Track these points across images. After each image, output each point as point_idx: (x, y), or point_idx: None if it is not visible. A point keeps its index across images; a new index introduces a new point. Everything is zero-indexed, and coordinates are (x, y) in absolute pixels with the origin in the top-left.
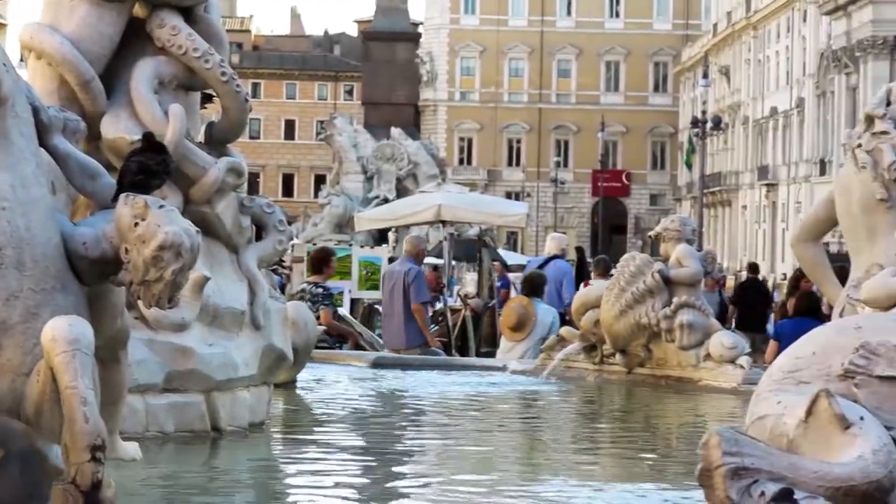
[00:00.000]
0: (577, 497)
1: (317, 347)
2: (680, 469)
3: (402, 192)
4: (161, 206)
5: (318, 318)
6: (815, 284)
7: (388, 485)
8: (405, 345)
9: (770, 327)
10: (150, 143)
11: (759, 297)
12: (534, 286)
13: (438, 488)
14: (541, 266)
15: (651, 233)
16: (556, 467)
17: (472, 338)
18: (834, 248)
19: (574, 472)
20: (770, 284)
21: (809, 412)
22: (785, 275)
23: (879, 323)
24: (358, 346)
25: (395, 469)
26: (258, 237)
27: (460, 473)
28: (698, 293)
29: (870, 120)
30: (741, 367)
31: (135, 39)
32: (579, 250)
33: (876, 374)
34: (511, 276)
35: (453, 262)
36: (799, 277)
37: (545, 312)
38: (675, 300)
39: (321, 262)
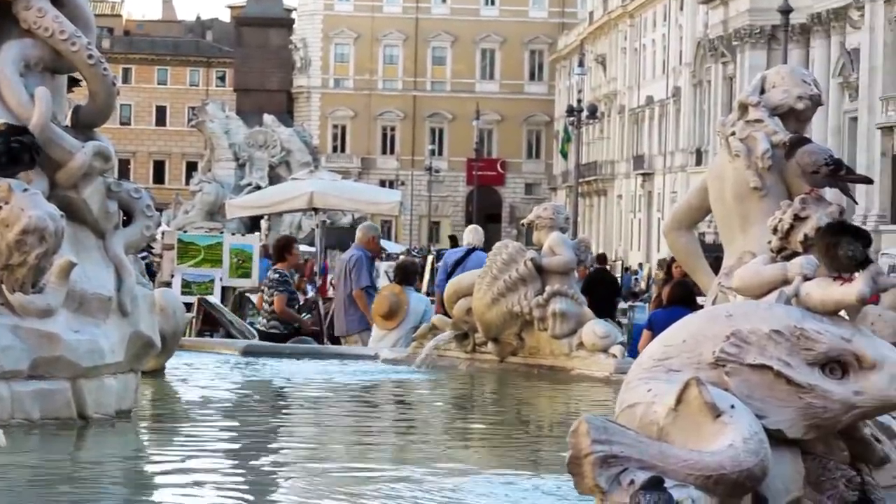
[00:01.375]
0: (447, 484)
1: (270, 335)
2: (551, 457)
3: (274, 179)
4: (25, 190)
5: (272, 303)
6: (688, 273)
7: (258, 474)
8: (345, 331)
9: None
10: (14, 127)
11: (607, 287)
12: (406, 274)
13: (309, 477)
14: (461, 258)
15: (524, 221)
16: (427, 455)
17: None
18: (710, 238)
19: (445, 459)
20: (645, 274)
21: (679, 400)
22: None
23: (751, 311)
24: (229, 335)
25: (264, 458)
26: (126, 223)
27: (331, 462)
28: (571, 281)
29: (744, 108)
30: (614, 356)
31: (0, 21)
32: (453, 239)
33: (747, 362)
34: (384, 264)
35: (326, 250)
36: (670, 265)
37: (417, 301)
38: (548, 288)
39: (283, 249)
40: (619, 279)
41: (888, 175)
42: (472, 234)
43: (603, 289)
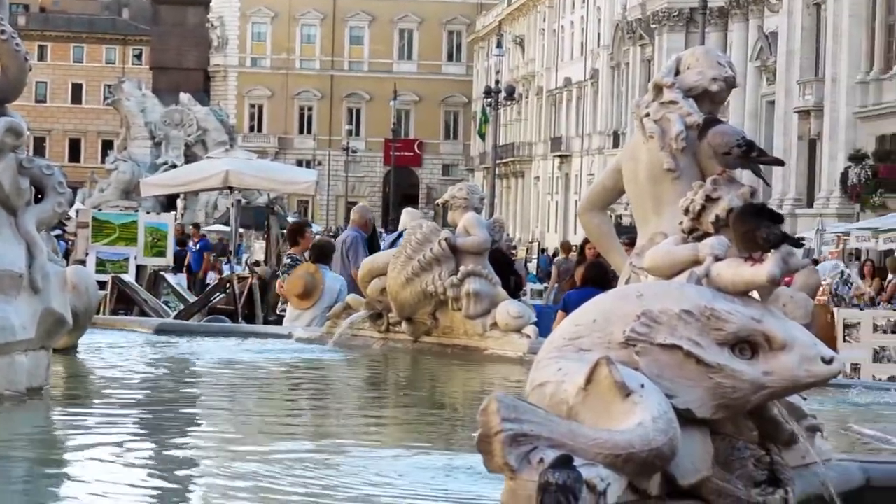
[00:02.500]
0: (360, 462)
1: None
2: (464, 436)
3: (190, 158)
4: None
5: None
6: (602, 254)
7: (170, 452)
8: None
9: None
10: None
11: (502, 267)
12: (322, 253)
13: (223, 455)
14: (395, 239)
15: (439, 200)
16: (341, 434)
17: (259, 306)
18: (627, 221)
19: (359, 438)
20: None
21: (589, 379)
22: (576, 246)
23: (661, 291)
24: (143, 314)
25: (177, 437)
26: (37, 199)
27: (245, 440)
28: (485, 262)
29: (658, 89)
30: (527, 336)
31: None
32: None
33: (657, 342)
34: None
35: (241, 230)
36: (585, 247)
37: (333, 280)
38: (462, 268)
39: (296, 233)
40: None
41: (804, 159)
42: (407, 217)
43: (496, 269)
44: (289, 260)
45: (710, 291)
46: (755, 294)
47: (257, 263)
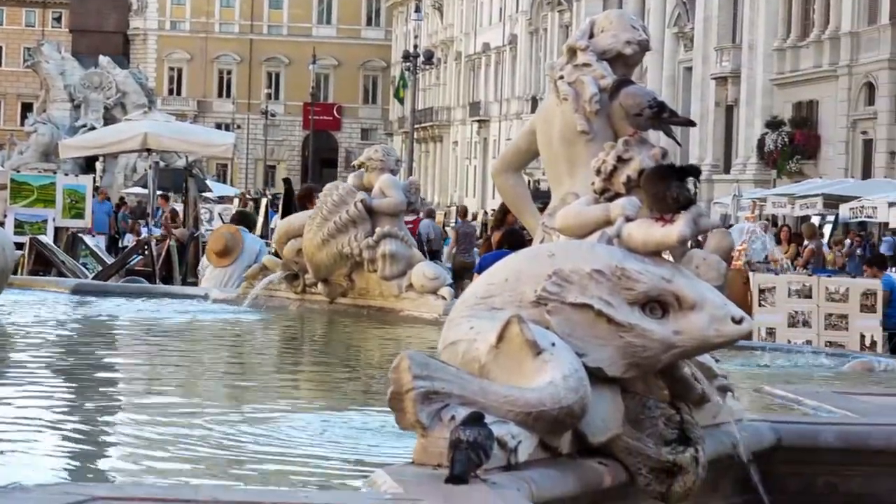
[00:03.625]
0: (276, 421)
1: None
2: (379, 395)
3: (109, 121)
4: None
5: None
6: (516, 215)
7: (88, 410)
8: None
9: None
10: None
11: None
12: (244, 218)
13: (141, 414)
14: None
15: (355, 162)
16: (257, 393)
17: (177, 267)
18: (545, 186)
19: (274, 397)
20: (479, 221)
21: (501, 338)
22: (493, 210)
23: (572, 251)
24: (61, 275)
25: (95, 396)
26: None
27: (162, 399)
28: (401, 223)
29: (572, 52)
30: (443, 297)
31: None
32: (287, 182)
33: (568, 301)
34: (219, 206)
35: (160, 192)
36: (505, 212)
37: (252, 241)
38: (378, 230)
39: (305, 199)
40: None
41: (721, 125)
42: (354, 180)
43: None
44: None
45: (621, 251)
46: (667, 255)
47: (175, 226)
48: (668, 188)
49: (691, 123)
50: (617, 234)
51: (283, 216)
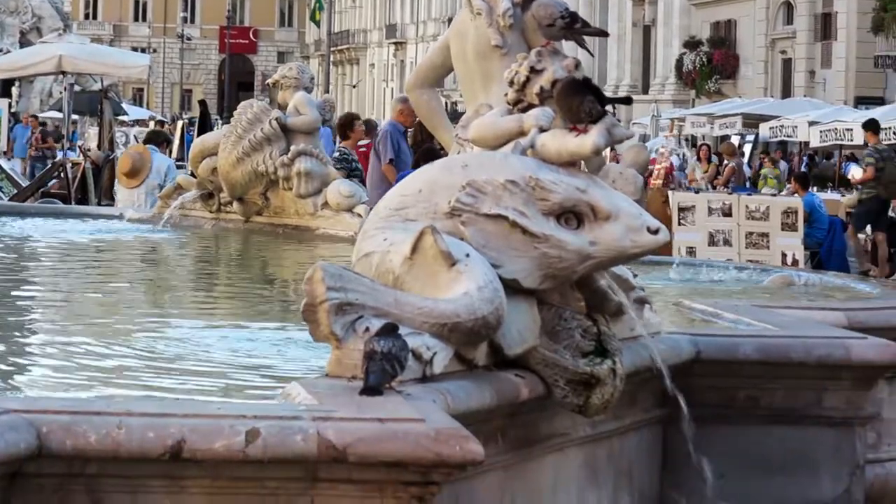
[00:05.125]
0: (192, 336)
1: None
2: (295, 312)
3: (25, 45)
4: None
5: None
6: (431, 131)
7: (4, 327)
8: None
9: None
10: None
11: None
12: (154, 137)
13: (61, 335)
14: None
15: (269, 80)
16: (173, 310)
17: (93, 190)
18: (463, 108)
19: (190, 313)
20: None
21: (415, 249)
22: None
23: (486, 161)
24: None
25: (14, 318)
26: None
27: (78, 316)
28: (316, 141)
29: None
30: (359, 215)
31: None
32: (202, 104)
33: (483, 212)
34: (134, 129)
35: (76, 116)
36: (422, 131)
37: (161, 160)
38: (293, 148)
39: (345, 127)
40: None
41: (639, 45)
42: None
43: None
44: (337, 154)
45: (535, 162)
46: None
47: (91, 149)
48: (582, 98)
49: (604, 34)
50: (531, 145)
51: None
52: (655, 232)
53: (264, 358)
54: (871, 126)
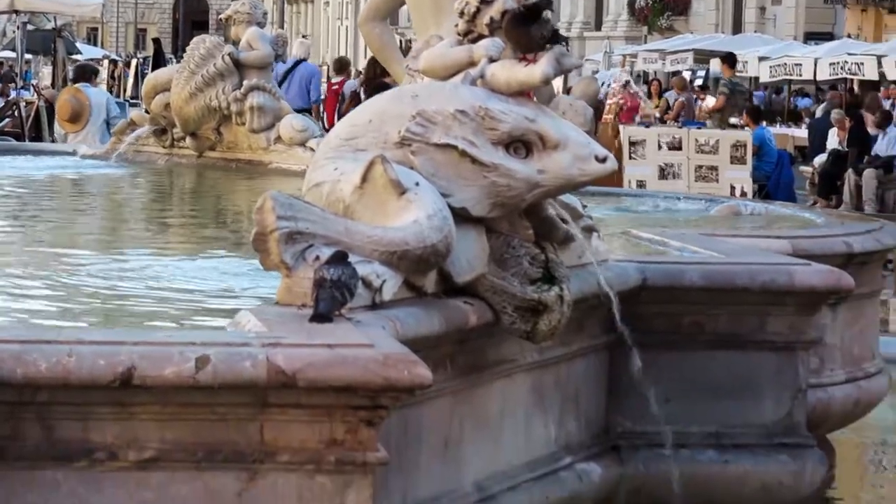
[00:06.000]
0: (145, 266)
1: None
2: (247, 243)
3: None
4: None
5: None
6: (383, 64)
7: None
8: None
9: None
10: None
11: None
12: (82, 73)
13: (12, 268)
14: (290, 69)
15: (222, 16)
16: (126, 242)
17: (47, 128)
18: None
19: (144, 245)
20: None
21: (365, 178)
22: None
23: (436, 91)
24: None
25: None
26: None
27: (31, 248)
28: (269, 76)
29: None
30: (311, 149)
31: None
32: (156, 42)
33: (432, 141)
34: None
35: (29, 55)
36: (375, 65)
37: (97, 94)
38: (246, 83)
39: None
40: None
41: None
42: (298, 48)
43: None
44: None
45: (485, 92)
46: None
47: (44, 87)
48: (531, 29)
49: None
50: (480, 75)
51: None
52: (603, 160)
53: (216, 287)
54: (728, 60)
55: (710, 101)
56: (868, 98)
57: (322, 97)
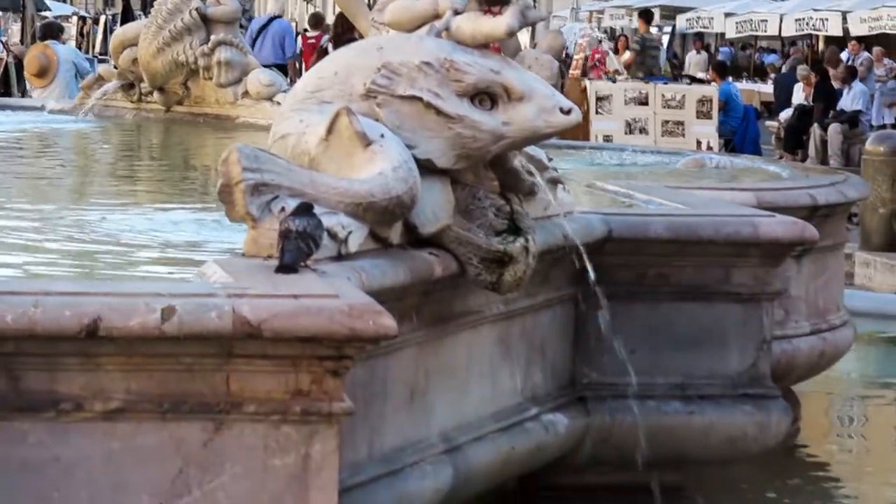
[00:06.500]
0: (113, 218)
1: None
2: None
3: None
4: None
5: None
6: (350, 19)
7: None
8: None
9: None
10: None
11: None
12: (49, 30)
13: None
14: (264, 25)
15: None
16: (95, 195)
17: (16, 84)
18: None
19: (112, 197)
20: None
21: (330, 130)
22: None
23: (401, 43)
24: None
25: None
26: None
27: (4, 204)
28: (236, 31)
29: None
30: (278, 104)
31: None
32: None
33: (398, 93)
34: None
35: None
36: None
37: (65, 51)
38: (213, 38)
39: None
40: None
41: None
42: (273, 4)
43: None
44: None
45: (450, 44)
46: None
47: (14, 44)
48: None
49: None
50: (446, 28)
51: None
52: (568, 112)
53: (183, 239)
54: (644, 15)
55: (624, 57)
56: (828, 52)
57: (298, 52)
